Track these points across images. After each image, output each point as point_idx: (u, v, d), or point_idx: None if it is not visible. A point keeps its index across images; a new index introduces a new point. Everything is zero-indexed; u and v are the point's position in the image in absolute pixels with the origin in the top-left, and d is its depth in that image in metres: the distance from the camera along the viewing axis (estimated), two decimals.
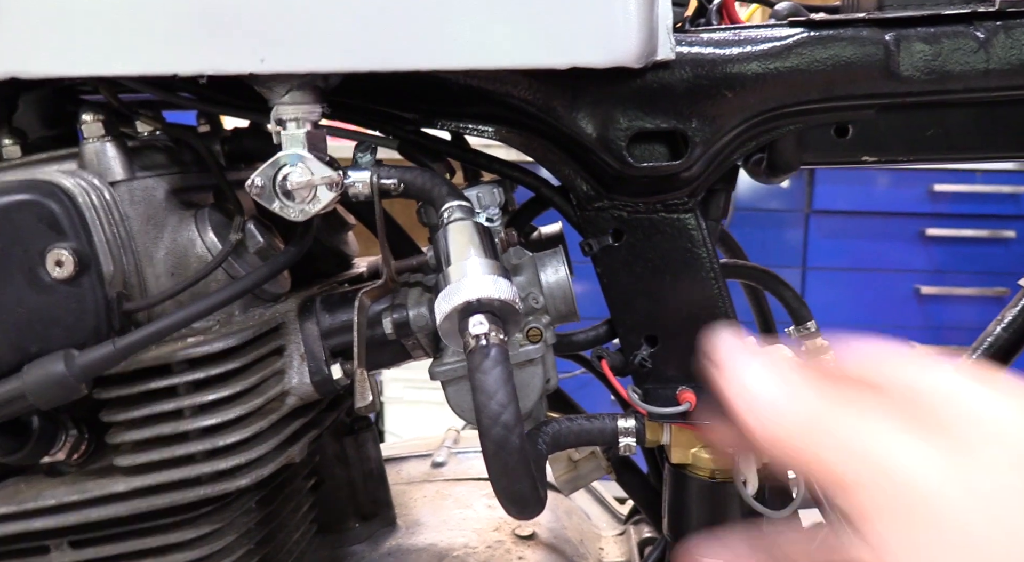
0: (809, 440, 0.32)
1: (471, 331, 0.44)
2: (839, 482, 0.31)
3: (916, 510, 0.29)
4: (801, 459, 0.33)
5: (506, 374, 0.43)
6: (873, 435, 0.31)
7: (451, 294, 0.46)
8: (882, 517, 0.30)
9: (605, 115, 0.63)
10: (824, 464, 0.32)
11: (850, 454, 0.31)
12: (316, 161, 0.57)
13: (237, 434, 0.57)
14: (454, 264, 0.49)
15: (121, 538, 0.59)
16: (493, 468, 0.43)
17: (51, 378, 0.52)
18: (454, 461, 0.99)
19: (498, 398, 0.42)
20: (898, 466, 0.30)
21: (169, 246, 0.61)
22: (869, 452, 0.31)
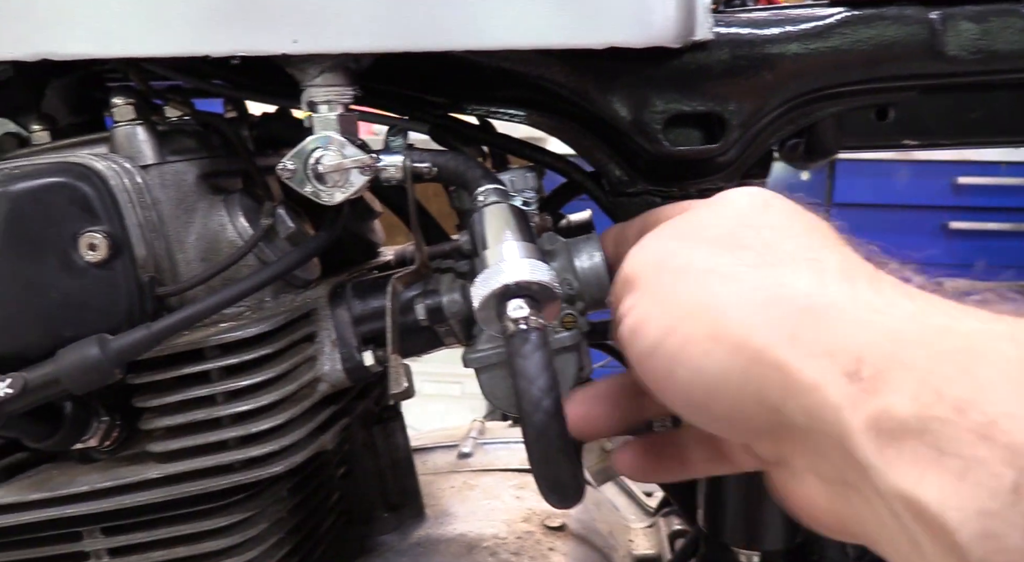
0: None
1: (510, 315, 0.43)
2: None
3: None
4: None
5: (547, 359, 0.42)
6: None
7: (488, 278, 0.45)
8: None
9: (641, 97, 0.62)
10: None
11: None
12: (348, 144, 0.56)
13: (270, 421, 0.57)
14: (491, 248, 0.48)
15: (153, 525, 0.58)
16: (534, 455, 0.42)
17: (86, 362, 0.51)
18: (480, 452, 0.98)
19: (539, 384, 0.41)
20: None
21: (200, 231, 0.60)
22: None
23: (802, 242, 0.37)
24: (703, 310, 0.35)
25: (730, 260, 0.36)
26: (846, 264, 0.34)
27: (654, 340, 0.36)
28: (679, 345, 0.35)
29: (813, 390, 0.30)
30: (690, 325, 0.35)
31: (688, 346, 0.35)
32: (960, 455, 0.26)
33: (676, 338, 0.35)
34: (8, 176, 0.53)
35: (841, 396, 0.29)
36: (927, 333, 0.29)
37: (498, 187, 0.55)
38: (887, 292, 0.32)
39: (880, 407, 0.28)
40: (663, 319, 0.36)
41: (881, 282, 0.33)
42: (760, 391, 0.32)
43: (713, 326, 0.34)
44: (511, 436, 1.03)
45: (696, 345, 0.34)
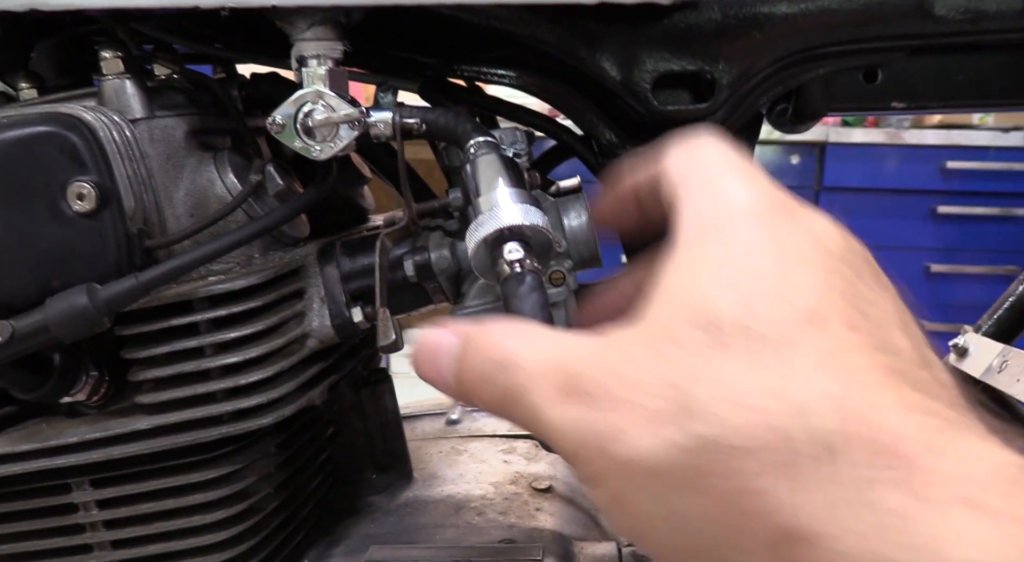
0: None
1: (505, 258, 0.43)
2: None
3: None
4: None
5: (543, 300, 0.42)
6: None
7: (482, 223, 0.46)
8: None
9: (631, 57, 0.62)
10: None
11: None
12: (338, 99, 0.56)
13: (258, 373, 0.57)
14: (483, 195, 0.49)
15: (142, 477, 0.59)
16: None
17: (74, 310, 0.51)
18: (468, 419, 0.99)
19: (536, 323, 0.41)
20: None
21: (188, 187, 0.60)
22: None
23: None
24: (664, 522, 0.29)
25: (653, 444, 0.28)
26: (844, 437, 0.26)
27: (626, 532, 0.32)
28: (645, 543, 0.30)
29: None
30: (653, 533, 0.30)
31: (655, 549, 0.30)
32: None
33: (643, 536, 0.30)
34: None
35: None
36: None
37: (489, 140, 0.55)
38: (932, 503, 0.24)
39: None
40: (634, 523, 0.30)
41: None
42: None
43: (677, 543, 0.29)
44: None
45: (665, 552, 0.30)
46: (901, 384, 0.27)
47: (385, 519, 0.74)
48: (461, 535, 0.70)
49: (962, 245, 3.01)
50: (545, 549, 0.65)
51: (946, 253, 3.00)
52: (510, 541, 0.68)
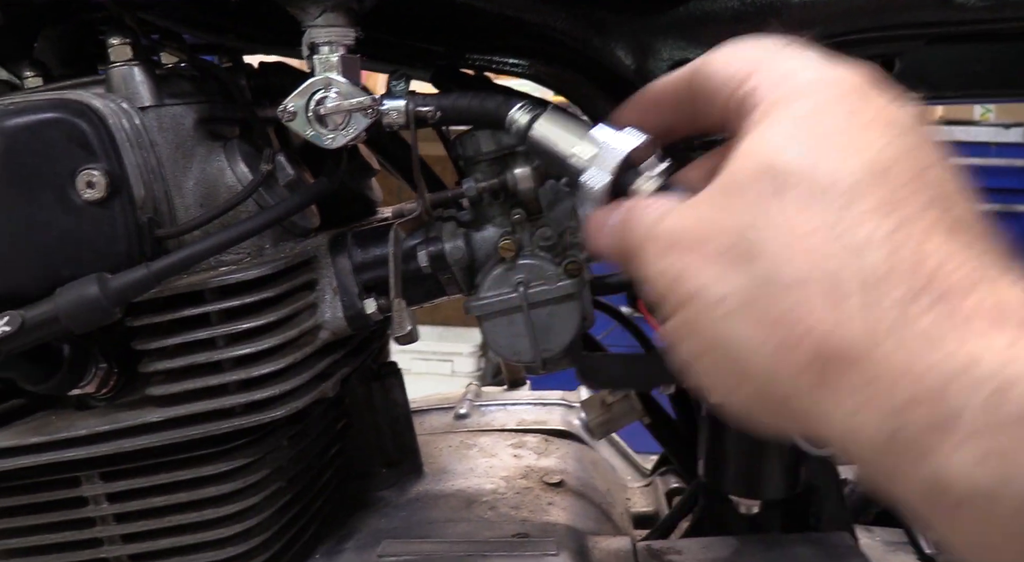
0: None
1: (649, 173, 0.41)
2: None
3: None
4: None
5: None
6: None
7: (604, 160, 0.43)
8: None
9: (646, 45, 0.61)
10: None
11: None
12: (350, 86, 0.55)
13: (270, 365, 0.56)
14: (577, 146, 0.45)
15: (153, 470, 0.58)
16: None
17: (85, 300, 0.50)
18: (477, 413, 0.98)
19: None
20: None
21: (198, 176, 0.59)
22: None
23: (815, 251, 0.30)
24: (721, 349, 0.32)
25: (737, 284, 0.32)
26: (889, 272, 0.28)
27: (685, 361, 0.35)
28: (706, 376, 0.34)
29: (846, 442, 0.29)
30: (711, 361, 0.33)
31: (715, 376, 0.34)
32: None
33: (701, 367, 0.34)
34: (3, 112, 0.52)
35: (875, 459, 0.28)
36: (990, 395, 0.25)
37: (525, 102, 0.52)
38: (960, 321, 0.27)
39: (923, 477, 0.26)
40: (695, 348, 0.34)
41: (964, 301, 0.27)
42: (792, 420, 0.31)
43: (734, 366, 0.32)
44: (508, 398, 1.02)
45: (724, 378, 0.33)
46: (950, 232, 0.29)
47: (396, 513, 0.73)
48: (473, 529, 0.69)
49: None
50: (559, 543, 0.65)
51: None
52: (524, 535, 0.67)
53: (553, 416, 0.97)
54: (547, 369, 0.62)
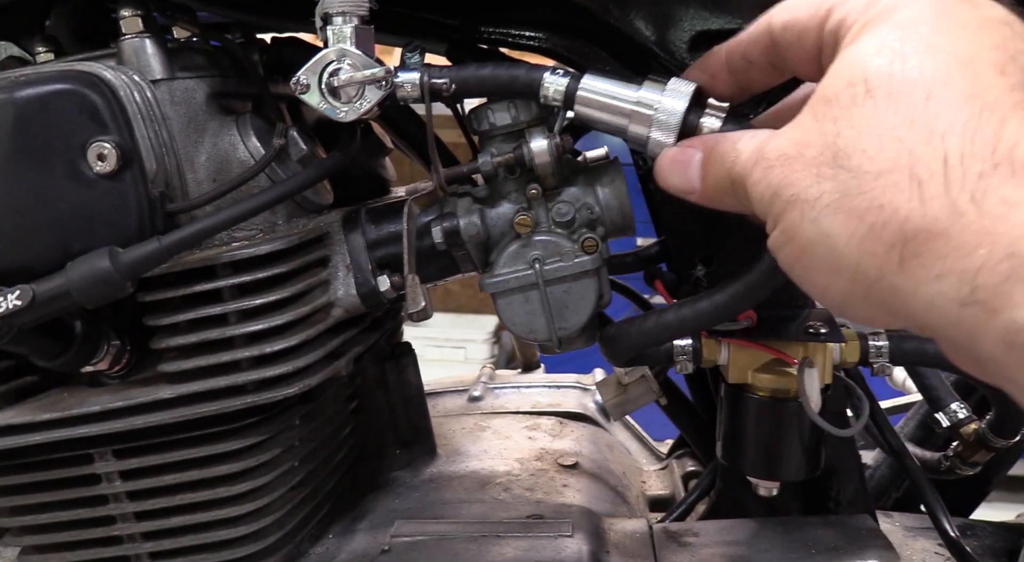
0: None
1: (709, 109, 0.46)
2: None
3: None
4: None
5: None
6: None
7: (673, 101, 0.46)
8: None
9: (666, 14, 0.59)
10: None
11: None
12: (364, 57, 0.54)
13: (283, 342, 0.55)
14: (641, 94, 0.48)
15: (165, 448, 0.58)
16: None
17: (96, 274, 0.50)
18: (491, 396, 0.97)
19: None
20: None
21: (210, 151, 0.59)
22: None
23: (908, 145, 0.32)
24: (817, 246, 0.34)
25: (832, 184, 0.34)
26: (969, 152, 0.30)
27: (786, 266, 0.37)
28: (803, 272, 0.36)
29: (929, 314, 0.30)
30: (808, 260, 0.35)
31: (813, 274, 0.36)
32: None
33: (800, 268, 0.36)
34: (13, 83, 0.51)
35: (958, 320, 0.29)
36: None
37: (555, 68, 0.52)
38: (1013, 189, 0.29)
39: (1003, 325, 0.28)
40: (794, 252, 0.36)
41: (1014, 173, 0.29)
42: (882, 305, 0.33)
43: (828, 260, 0.34)
44: (523, 381, 1.02)
45: (820, 275, 0.35)
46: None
47: (410, 494, 0.73)
48: (488, 510, 0.68)
49: None
50: (575, 525, 0.64)
51: None
52: (539, 517, 0.66)
53: (568, 399, 0.96)
54: (563, 348, 0.61)
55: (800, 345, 0.60)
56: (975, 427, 0.71)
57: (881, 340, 0.60)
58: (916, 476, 0.62)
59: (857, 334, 0.61)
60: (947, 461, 0.75)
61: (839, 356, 0.61)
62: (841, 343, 0.60)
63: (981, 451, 0.71)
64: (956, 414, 0.73)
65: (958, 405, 0.74)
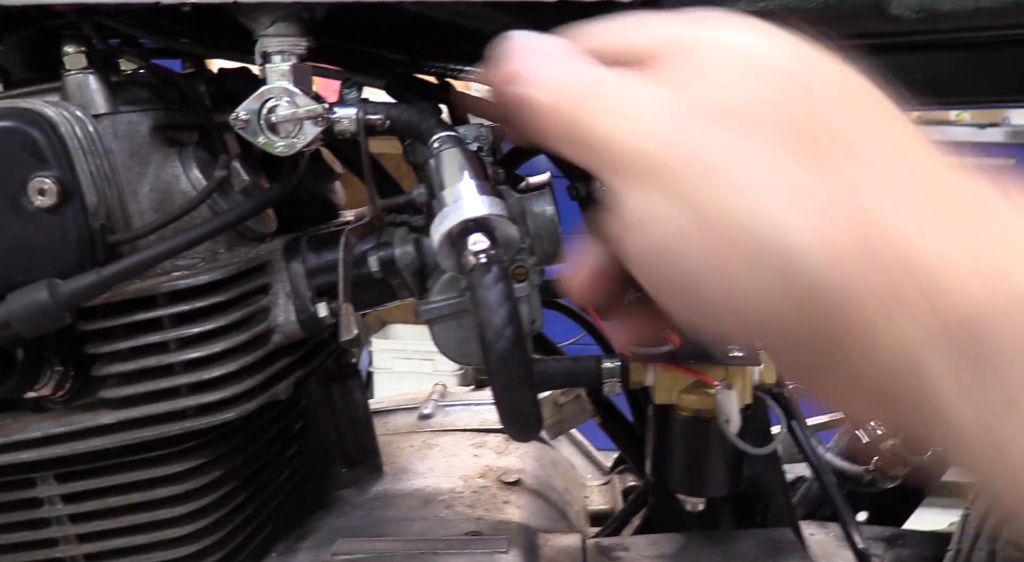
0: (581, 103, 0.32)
1: (471, 249, 0.44)
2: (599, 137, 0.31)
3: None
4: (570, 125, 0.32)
5: (508, 290, 0.42)
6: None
7: (447, 215, 0.46)
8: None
9: None
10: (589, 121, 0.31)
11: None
12: (302, 95, 0.56)
13: (222, 368, 0.57)
14: (448, 188, 0.49)
15: (107, 471, 0.59)
16: (497, 383, 0.43)
17: (35, 306, 0.51)
18: (441, 413, 0.99)
19: (501, 313, 0.42)
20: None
21: (153, 182, 0.60)
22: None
23: (880, 131, 0.28)
24: (759, 240, 0.27)
25: (783, 160, 0.27)
26: (950, 177, 0.26)
27: (680, 256, 0.28)
28: (720, 274, 0.28)
29: (904, 365, 0.25)
30: (739, 256, 0.27)
31: (734, 279, 0.27)
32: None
33: (716, 266, 0.28)
34: None
35: (942, 377, 0.25)
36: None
37: (452, 134, 0.55)
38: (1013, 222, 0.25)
39: (989, 401, 0.24)
40: (696, 236, 0.28)
41: (1004, 205, 0.26)
42: (826, 338, 0.26)
43: (775, 265, 0.26)
44: (473, 398, 1.04)
45: (747, 281, 0.27)
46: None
47: (354, 512, 0.75)
48: (429, 528, 0.71)
49: None
50: (510, 541, 0.66)
51: None
52: (476, 533, 0.69)
53: None
54: None
55: (721, 367, 0.63)
56: (892, 443, 0.75)
57: None
58: (828, 489, 0.66)
59: None
60: (869, 474, 0.78)
61: (759, 377, 0.64)
62: (759, 366, 0.63)
63: (898, 465, 0.74)
64: (875, 430, 0.77)
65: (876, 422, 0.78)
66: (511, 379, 0.42)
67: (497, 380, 0.42)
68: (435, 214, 0.48)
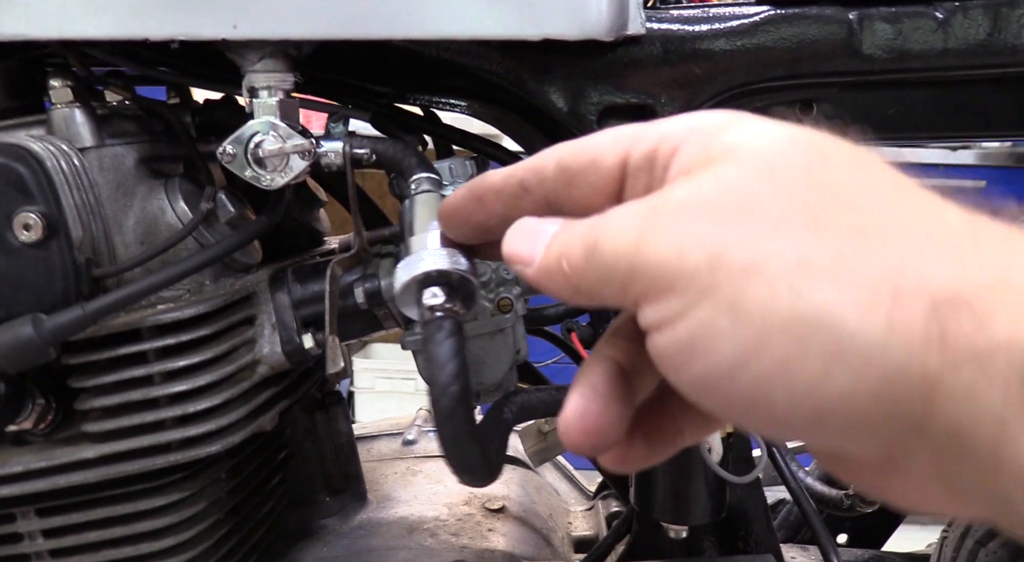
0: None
1: (425, 303, 0.44)
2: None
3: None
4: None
5: (458, 346, 0.42)
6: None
7: (409, 265, 0.46)
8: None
9: (576, 89, 0.64)
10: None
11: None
12: (288, 129, 0.57)
13: (207, 401, 0.57)
14: (416, 235, 0.49)
15: (89, 506, 0.59)
16: (443, 438, 0.43)
17: (19, 341, 0.51)
18: (425, 439, 0.99)
19: (448, 370, 0.42)
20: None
21: (139, 215, 0.61)
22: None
23: (901, 202, 0.27)
24: (808, 322, 0.26)
25: (818, 245, 0.27)
26: (976, 229, 0.26)
27: (732, 360, 0.27)
28: (776, 367, 0.27)
29: (968, 400, 0.25)
30: (790, 341, 0.27)
31: (792, 367, 0.27)
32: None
33: (770, 359, 0.27)
34: None
35: (1004, 405, 0.24)
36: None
37: (431, 176, 0.56)
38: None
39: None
40: (743, 335, 0.27)
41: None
42: (897, 406, 0.26)
43: (829, 341, 0.26)
44: None
45: (805, 365, 0.26)
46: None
47: (338, 541, 0.74)
48: (413, 557, 0.71)
49: None
50: None
51: None
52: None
53: None
54: (482, 401, 0.64)
55: None
56: None
57: None
58: (807, 514, 0.66)
59: None
60: (848, 499, 0.79)
61: None
62: None
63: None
64: None
65: None
66: (456, 435, 0.42)
67: (443, 434, 0.42)
68: (401, 258, 0.48)
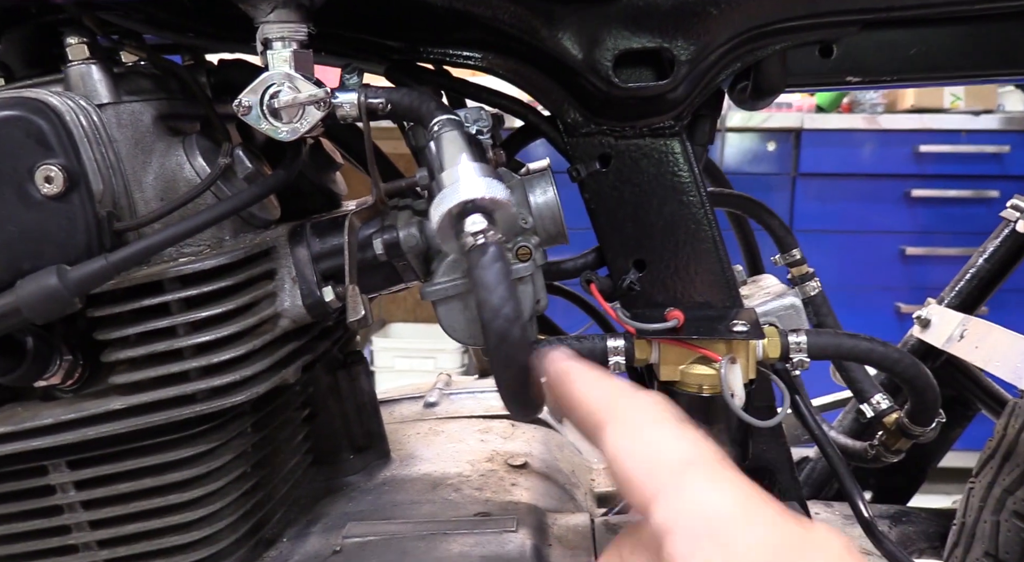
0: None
1: (468, 230, 0.44)
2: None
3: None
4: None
5: (505, 269, 0.43)
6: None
7: (446, 197, 0.46)
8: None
9: (591, 36, 0.63)
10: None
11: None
12: (303, 80, 0.57)
13: (231, 351, 0.58)
14: (447, 170, 0.49)
15: (118, 457, 0.60)
16: (496, 361, 0.43)
17: (45, 291, 0.52)
18: (446, 402, 1.00)
19: (499, 292, 0.42)
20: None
21: (157, 171, 0.61)
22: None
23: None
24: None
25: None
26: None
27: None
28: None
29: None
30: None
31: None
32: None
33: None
34: None
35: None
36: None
37: (452, 117, 0.56)
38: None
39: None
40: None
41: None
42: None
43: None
44: (477, 387, 1.04)
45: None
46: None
47: (363, 497, 0.75)
48: (437, 510, 0.71)
49: (936, 227, 3.04)
50: (519, 520, 0.67)
51: (921, 236, 3.03)
52: (485, 514, 0.69)
53: None
54: None
55: (724, 343, 0.64)
56: (896, 416, 0.75)
57: (799, 336, 0.64)
58: (832, 461, 0.66)
59: (778, 330, 0.65)
60: (872, 450, 0.79)
61: (762, 352, 0.64)
62: (763, 340, 0.64)
63: (902, 439, 0.75)
64: (879, 404, 0.77)
65: (881, 396, 0.78)
66: (509, 356, 0.42)
67: (496, 357, 0.43)
68: (434, 194, 0.48)
